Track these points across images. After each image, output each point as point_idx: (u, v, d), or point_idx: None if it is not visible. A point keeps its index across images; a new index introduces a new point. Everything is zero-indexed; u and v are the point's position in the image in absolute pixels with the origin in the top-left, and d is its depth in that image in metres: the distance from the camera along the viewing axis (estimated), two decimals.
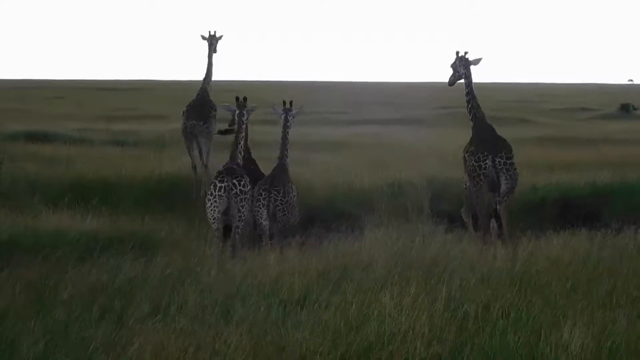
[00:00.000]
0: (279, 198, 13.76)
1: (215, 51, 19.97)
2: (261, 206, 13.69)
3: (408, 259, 12.48)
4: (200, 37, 20.03)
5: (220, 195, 12.28)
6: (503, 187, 14.49)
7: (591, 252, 12.99)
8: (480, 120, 14.97)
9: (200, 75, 20.08)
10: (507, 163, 14.52)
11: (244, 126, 13.86)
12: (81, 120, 42.53)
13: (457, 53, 15.25)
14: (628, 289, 11.24)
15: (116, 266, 12.12)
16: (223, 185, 12.29)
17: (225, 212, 12.62)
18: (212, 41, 19.99)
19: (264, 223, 13.74)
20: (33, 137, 30.30)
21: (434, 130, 35.73)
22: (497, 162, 14.48)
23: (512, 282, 11.52)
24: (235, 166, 13.15)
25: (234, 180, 12.38)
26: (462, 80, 15.24)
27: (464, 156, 14.85)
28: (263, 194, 13.73)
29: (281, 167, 14.24)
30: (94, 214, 15.92)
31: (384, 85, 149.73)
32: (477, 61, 15.21)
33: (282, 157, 14.29)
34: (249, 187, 12.71)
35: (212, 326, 9.79)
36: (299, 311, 10.30)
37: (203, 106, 19.45)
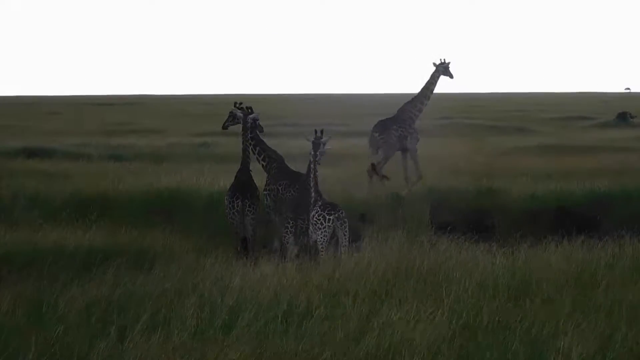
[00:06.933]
0: (304, 226, 15.18)
1: (451, 76, 21.08)
2: (289, 232, 15.40)
3: (407, 269, 12.44)
4: (433, 64, 21.18)
5: (329, 226, 14.52)
6: None
7: (590, 260, 12.95)
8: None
9: (194, 90, 20.15)
10: None
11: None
12: (79, 135, 42.48)
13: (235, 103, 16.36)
14: (627, 297, 11.20)
15: (114, 280, 12.07)
16: (331, 217, 14.46)
17: (332, 237, 14.79)
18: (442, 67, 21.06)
19: (289, 248, 15.34)
20: (31, 153, 30.32)
21: (434, 141, 35.62)
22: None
23: (511, 292, 11.49)
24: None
25: (338, 214, 14.55)
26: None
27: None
28: (291, 222, 15.40)
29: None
30: (93, 229, 15.89)
31: (383, 97, 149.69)
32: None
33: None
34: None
35: (213, 340, 9.75)
36: (300, 324, 10.26)
37: (390, 119, 21.17)
